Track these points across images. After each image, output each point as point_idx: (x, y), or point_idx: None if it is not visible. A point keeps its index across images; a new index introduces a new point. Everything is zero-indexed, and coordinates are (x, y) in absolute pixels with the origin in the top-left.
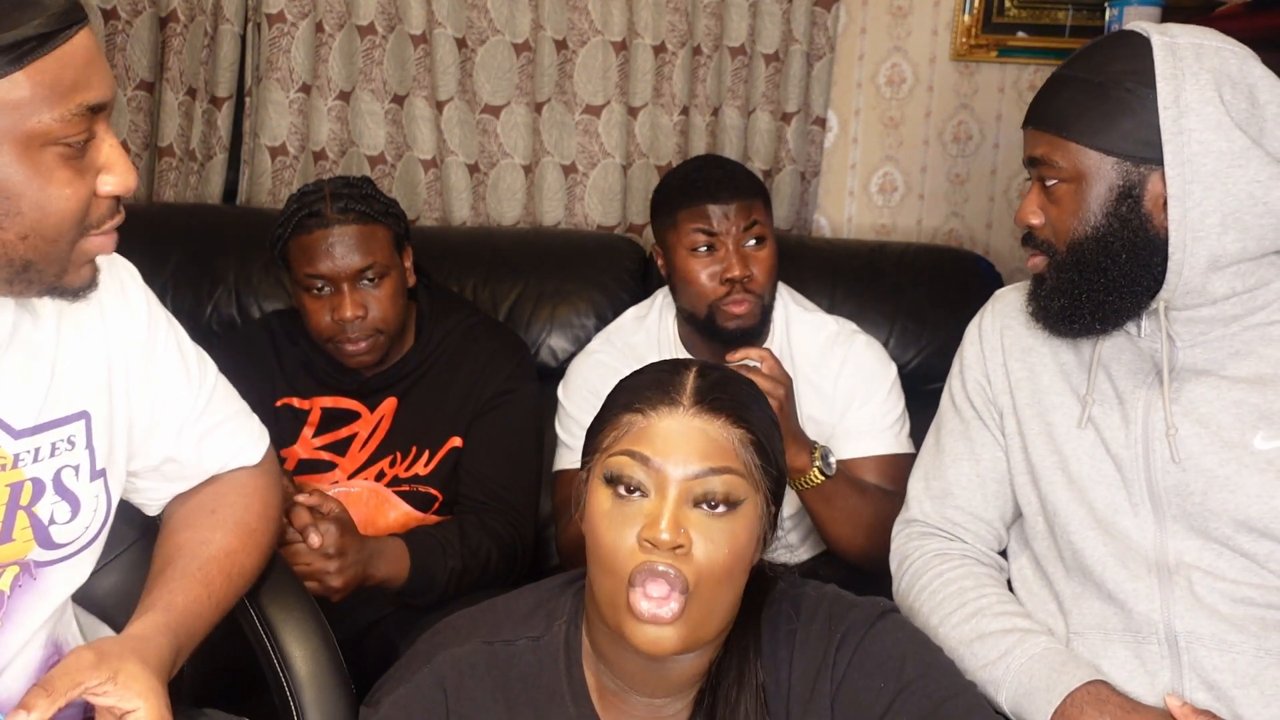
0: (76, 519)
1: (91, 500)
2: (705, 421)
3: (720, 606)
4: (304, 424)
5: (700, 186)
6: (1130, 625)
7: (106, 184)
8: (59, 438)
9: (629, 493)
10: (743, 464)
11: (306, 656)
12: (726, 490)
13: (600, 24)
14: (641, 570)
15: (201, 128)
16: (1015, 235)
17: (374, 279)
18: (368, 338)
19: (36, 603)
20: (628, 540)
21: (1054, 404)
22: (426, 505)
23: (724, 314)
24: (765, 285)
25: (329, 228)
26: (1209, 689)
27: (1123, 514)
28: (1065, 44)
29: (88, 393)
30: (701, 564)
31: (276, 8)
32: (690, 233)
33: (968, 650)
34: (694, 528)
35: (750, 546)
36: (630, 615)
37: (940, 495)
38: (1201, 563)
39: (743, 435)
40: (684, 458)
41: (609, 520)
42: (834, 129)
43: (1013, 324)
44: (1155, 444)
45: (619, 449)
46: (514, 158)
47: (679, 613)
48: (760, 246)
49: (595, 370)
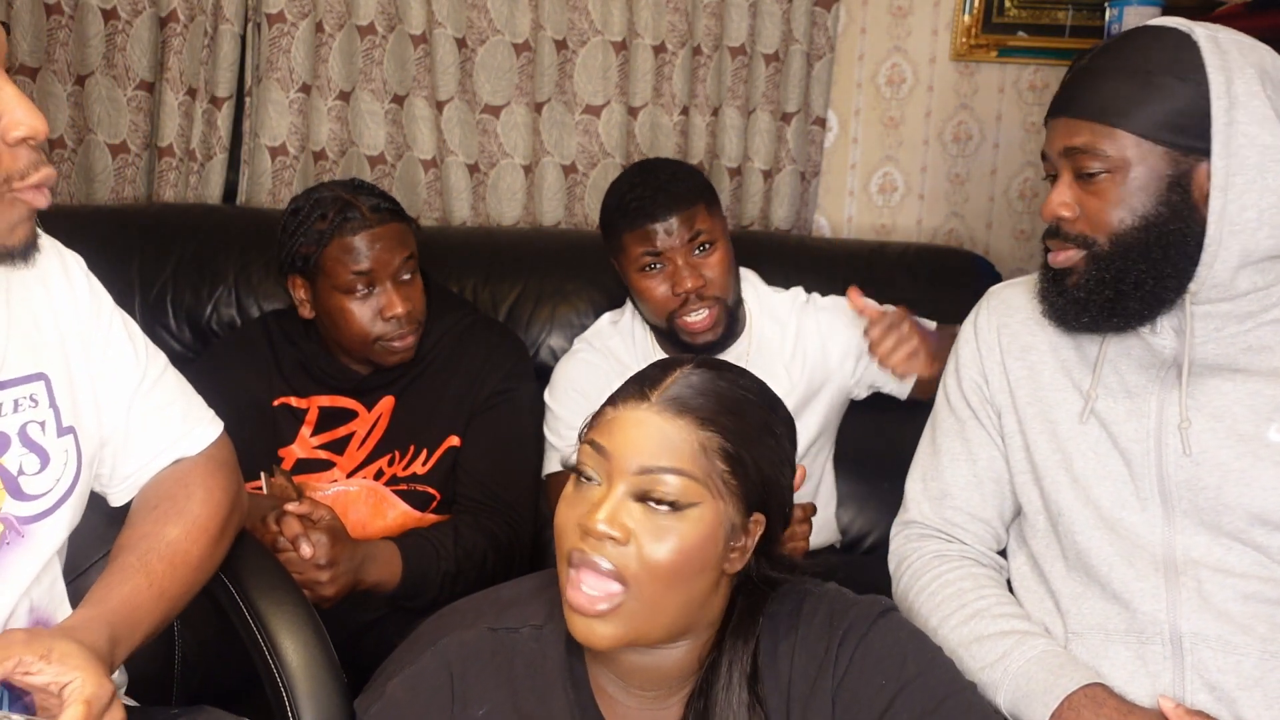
0: (46, 471)
1: (61, 454)
2: (667, 420)
3: (669, 606)
4: (302, 423)
5: (638, 206)
6: (1133, 626)
7: (15, 129)
8: (20, 395)
9: (585, 480)
10: (699, 468)
11: (298, 648)
12: (676, 493)
13: (600, 24)
14: (575, 556)
15: (201, 128)
16: (1015, 235)
17: (410, 274)
18: (415, 331)
19: (24, 560)
20: (573, 523)
21: (1056, 400)
22: (424, 504)
23: (685, 329)
24: (722, 287)
25: (371, 228)
26: (1210, 690)
27: (1130, 510)
28: (1065, 44)
29: (44, 357)
30: (640, 561)
31: (276, 8)
32: (638, 256)
33: (966, 652)
34: (636, 523)
35: (707, 551)
36: (568, 604)
37: (938, 496)
38: (1210, 559)
39: (708, 439)
40: (635, 452)
41: (565, 504)
42: (834, 129)
43: (1010, 322)
44: (1167, 438)
45: (586, 438)
46: (514, 158)
47: (612, 608)
48: (709, 252)
49: (579, 369)
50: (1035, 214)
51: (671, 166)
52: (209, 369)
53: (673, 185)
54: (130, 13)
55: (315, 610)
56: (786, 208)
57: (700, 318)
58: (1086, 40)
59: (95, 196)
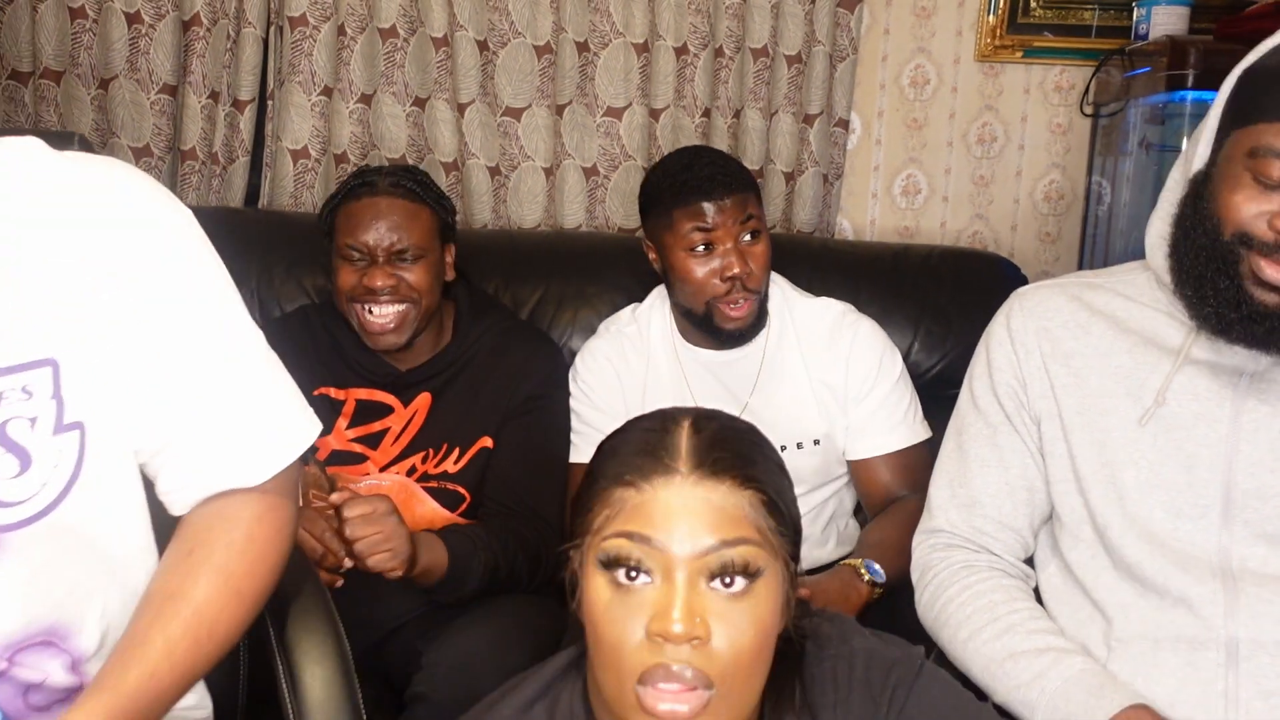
0: (28, 473)
1: (53, 455)
2: (708, 489)
3: (749, 694)
4: (339, 414)
5: (694, 184)
6: (1185, 633)
7: None
8: (9, 387)
9: (630, 579)
10: (756, 530)
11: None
12: (744, 562)
13: (622, 26)
14: (654, 672)
15: (224, 131)
16: (1040, 237)
17: (411, 259)
18: (399, 304)
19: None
20: (634, 635)
21: (1106, 408)
22: (454, 504)
23: (722, 314)
24: (761, 280)
25: (376, 198)
26: (1266, 698)
27: (1183, 518)
28: (1091, 44)
29: (51, 341)
30: (726, 657)
31: (299, 11)
32: (688, 233)
33: (999, 669)
34: (712, 615)
35: (775, 620)
36: (640, 713)
37: (967, 504)
38: (1268, 568)
39: (752, 497)
40: (689, 533)
41: (610, 614)
42: (857, 131)
43: (1050, 326)
44: (1241, 444)
45: (612, 530)
46: (535, 160)
47: (701, 708)
48: (756, 241)
49: (590, 362)
50: (1060, 216)
51: (719, 154)
52: None
53: (729, 169)
54: (153, 16)
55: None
56: (809, 210)
57: (739, 307)
58: (1113, 41)
59: None
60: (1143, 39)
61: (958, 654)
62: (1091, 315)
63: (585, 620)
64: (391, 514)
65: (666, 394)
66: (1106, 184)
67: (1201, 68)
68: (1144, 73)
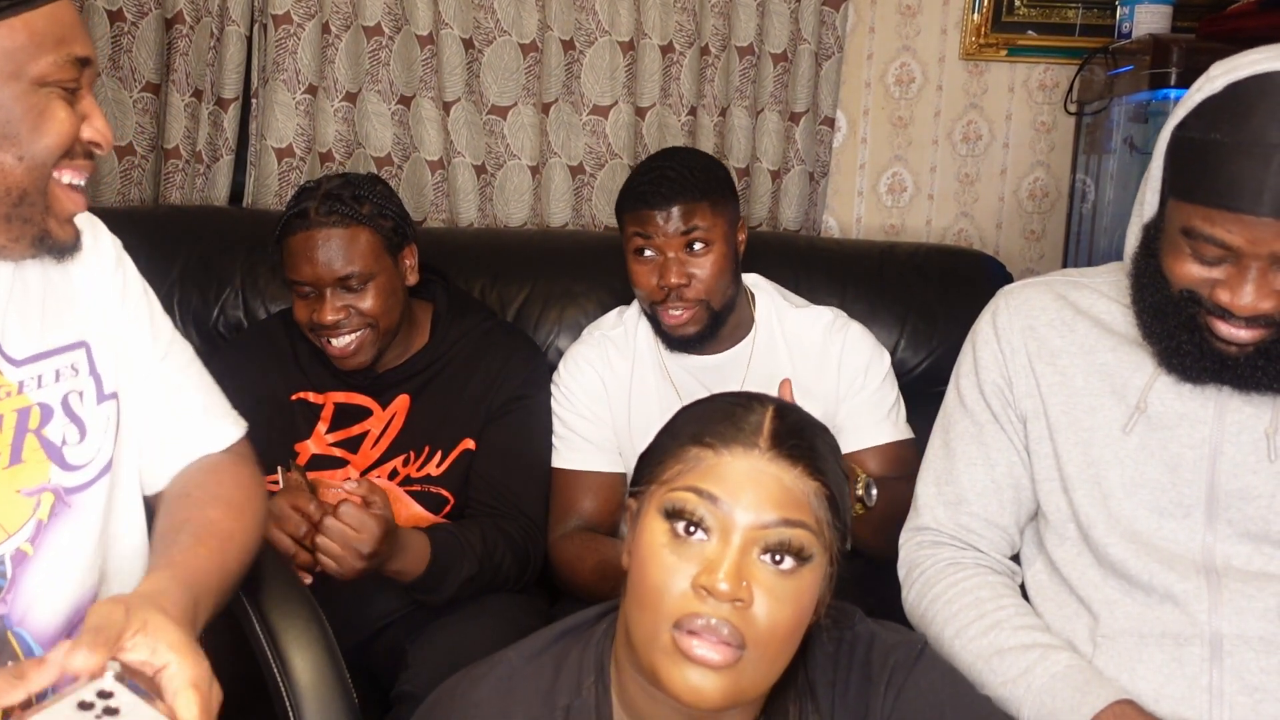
0: (87, 441)
1: (101, 422)
2: (781, 468)
3: (773, 671)
4: (318, 419)
5: (640, 191)
6: (1170, 629)
7: (88, 130)
8: (62, 364)
9: (689, 531)
10: (815, 519)
11: (308, 665)
12: (799, 544)
13: (608, 24)
14: (688, 622)
15: (208, 129)
16: (1025, 235)
17: (357, 285)
18: (355, 332)
19: (75, 531)
20: (679, 583)
21: (1092, 407)
22: (438, 507)
23: (663, 320)
24: (709, 290)
25: (311, 231)
26: (1250, 693)
27: (1167, 517)
28: (1075, 43)
29: (85, 324)
30: (761, 624)
31: (283, 9)
32: (631, 236)
33: (986, 665)
34: (757, 582)
35: (811, 607)
36: (671, 654)
37: (954, 502)
38: (1251, 566)
39: (818, 488)
40: (755, 503)
41: (661, 558)
42: (842, 129)
43: (1036, 325)
44: (1225, 446)
45: (683, 483)
46: (521, 158)
47: (732, 662)
48: (702, 252)
49: (573, 368)
50: (1045, 214)
51: (690, 158)
52: (228, 362)
53: (681, 177)
54: (136, 14)
55: (327, 622)
56: (795, 208)
57: (677, 315)
58: (1097, 39)
59: (101, 199)
60: (1126, 37)
61: (945, 650)
62: (1076, 314)
63: (634, 562)
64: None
65: (651, 396)
66: (1090, 182)
67: (1184, 66)
68: (1127, 71)
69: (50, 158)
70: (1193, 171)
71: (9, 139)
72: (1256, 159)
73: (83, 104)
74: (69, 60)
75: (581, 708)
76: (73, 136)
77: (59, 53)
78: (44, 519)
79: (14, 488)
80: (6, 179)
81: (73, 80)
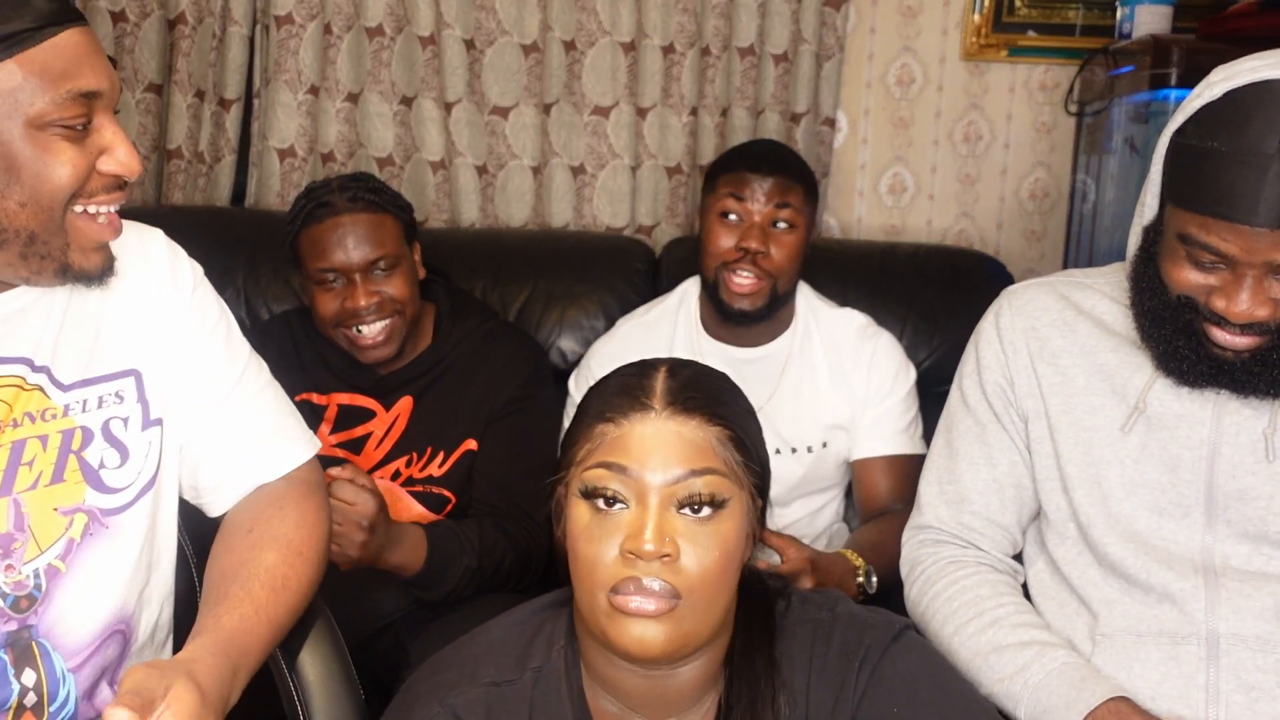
0: (127, 465)
1: (143, 447)
2: (679, 423)
3: (714, 611)
4: (321, 420)
5: (745, 156)
6: (1167, 627)
7: (108, 163)
8: (106, 391)
9: (608, 505)
10: (723, 462)
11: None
12: (711, 491)
13: (609, 25)
14: (626, 584)
15: (210, 130)
16: (1026, 235)
17: (386, 269)
18: (385, 319)
19: (108, 553)
20: (609, 552)
21: (1092, 407)
22: (440, 507)
23: (727, 286)
24: (781, 269)
25: (339, 216)
26: (1246, 691)
27: (1167, 517)
28: (1076, 43)
29: (138, 353)
30: (693, 573)
31: (285, 10)
32: (723, 196)
33: (984, 662)
34: (680, 535)
35: (740, 546)
36: (612, 615)
37: (956, 501)
38: (1250, 566)
39: (720, 433)
40: (662, 463)
41: (588, 534)
42: (843, 129)
43: (1038, 325)
44: (1223, 446)
45: (594, 461)
46: (522, 159)
47: (667, 611)
48: (787, 231)
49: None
50: (1045, 214)
51: (790, 150)
52: None
53: (784, 155)
54: (139, 15)
55: (334, 620)
56: None
57: (745, 280)
58: (1097, 40)
59: None
60: (1126, 38)
61: (944, 647)
62: (1078, 314)
63: (568, 545)
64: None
65: None
66: (1091, 182)
67: (1185, 67)
68: (1128, 71)
69: (57, 200)
70: (1190, 179)
71: (11, 184)
72: (1253, 168)
73: (99, 136)
74: (70, 97)
75: (551, 670)
76: (82, 176)
77: (58, 90)
78: (75, 538)
79: (52, 505)
80: (13, 222)
81: (76, 117)
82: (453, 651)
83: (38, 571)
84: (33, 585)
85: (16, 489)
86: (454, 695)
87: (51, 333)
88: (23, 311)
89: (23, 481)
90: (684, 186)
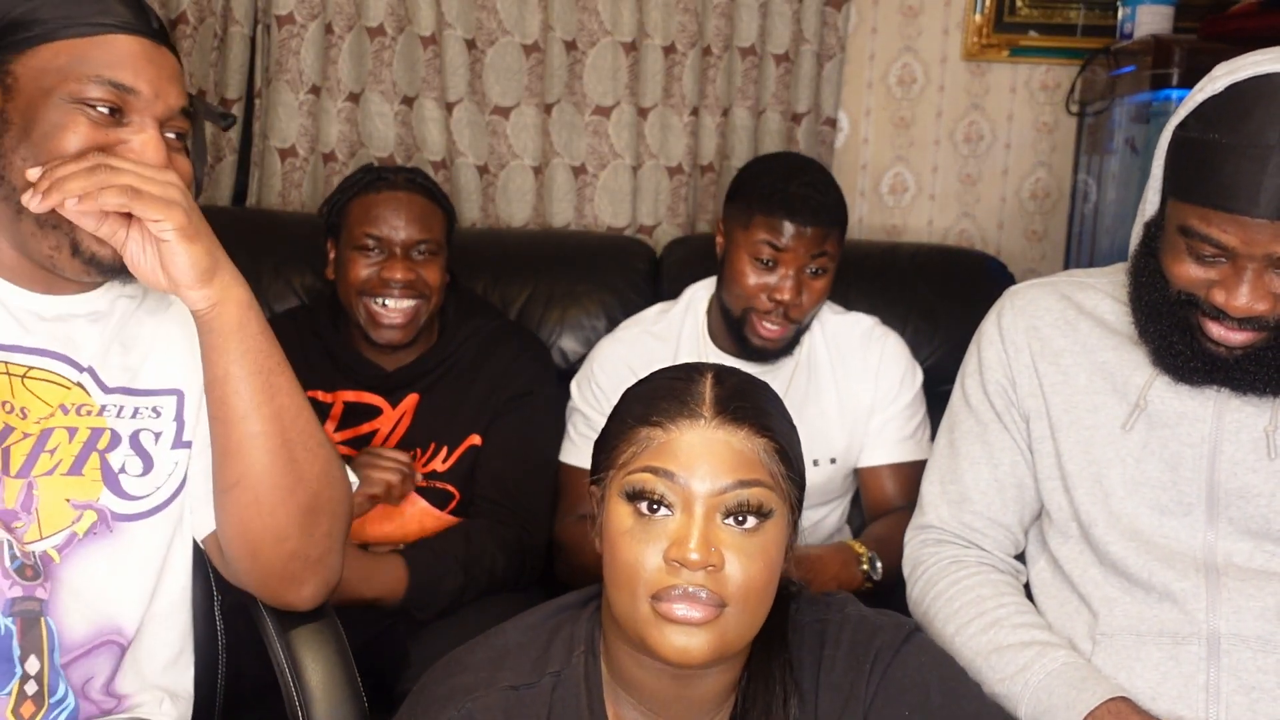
0: (149, 476)
1: (169, 465)
2: (729, 433)
3: (754, 621)
4: (327, 417)
5: (787, 200)
6: (1168, 627)
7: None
8: (144, 404)
9: (652, 510)
10: (769, 474)
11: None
12: (758, 502)
13: (610, 24)
14: (666, 594)
15: (211, 130)
16: (1027, 235)
17: (426, 254)
18: (412, 300)
19: (107, 557)
20: (652, 559)
21: (1093, 406)
22: (444, 502)
23: (754, 328)
24: (808, 313)
25: (397, 191)
26: (1246, 691)
27: (1168, 515)
28: (1077, 43)
29: (184, 373)
30: (736, 582)
31: (286, 9)
32: (758, 242)
33: (985, 663)
34: (725, 545)
35: (780, 558)
36: (655, 622)
37: (958, 500)
38: (1252, 564)
39: (767, 444)
40: (710, 471)
41: (630, 538)
42: (844, 129)
43: (1039, 325)
44: (1224, 444)
45: (639, 465)
46: (523, 159)
47: (713, 618)
48: (819, 277)
49: (608, 367)
50: (1046, 214)
51: (828, 179)
52: None
53: (825, 198)
54: None
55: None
56: None
57: (774, 329)
58: (1098, 40)
59: None
60: (1127, 38)
61: (946, 647)
62: (1079, 314)
63: (605, 549)
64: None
65: None
66: (1092, 182)
67: (1186, 67)
68: (1129, 71)
69: None
70: (1191, 171)
71: (28, 146)
72: (1253, 160)
73: (129, 132)
74: (102, 81)
75: (571, 674)
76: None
77: (98, 73)
78: (79, 534)
79: (65, 495)
80: (18, 180)
81: (102, 100)
82: (467, 654)
83: (34, 554)
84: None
85: (34, 472)
86: (471, 699)
87: (104, 341)
88: (89, 316)
89: (41, 466)
90: (685, 186)
